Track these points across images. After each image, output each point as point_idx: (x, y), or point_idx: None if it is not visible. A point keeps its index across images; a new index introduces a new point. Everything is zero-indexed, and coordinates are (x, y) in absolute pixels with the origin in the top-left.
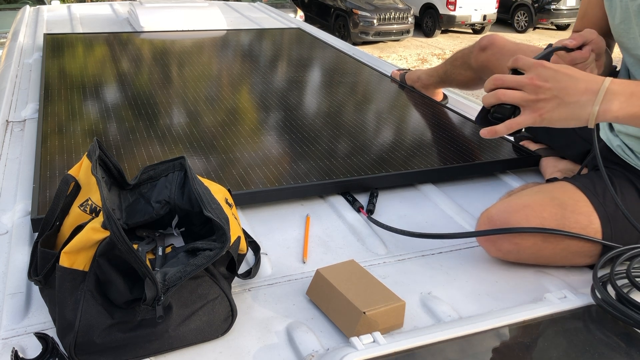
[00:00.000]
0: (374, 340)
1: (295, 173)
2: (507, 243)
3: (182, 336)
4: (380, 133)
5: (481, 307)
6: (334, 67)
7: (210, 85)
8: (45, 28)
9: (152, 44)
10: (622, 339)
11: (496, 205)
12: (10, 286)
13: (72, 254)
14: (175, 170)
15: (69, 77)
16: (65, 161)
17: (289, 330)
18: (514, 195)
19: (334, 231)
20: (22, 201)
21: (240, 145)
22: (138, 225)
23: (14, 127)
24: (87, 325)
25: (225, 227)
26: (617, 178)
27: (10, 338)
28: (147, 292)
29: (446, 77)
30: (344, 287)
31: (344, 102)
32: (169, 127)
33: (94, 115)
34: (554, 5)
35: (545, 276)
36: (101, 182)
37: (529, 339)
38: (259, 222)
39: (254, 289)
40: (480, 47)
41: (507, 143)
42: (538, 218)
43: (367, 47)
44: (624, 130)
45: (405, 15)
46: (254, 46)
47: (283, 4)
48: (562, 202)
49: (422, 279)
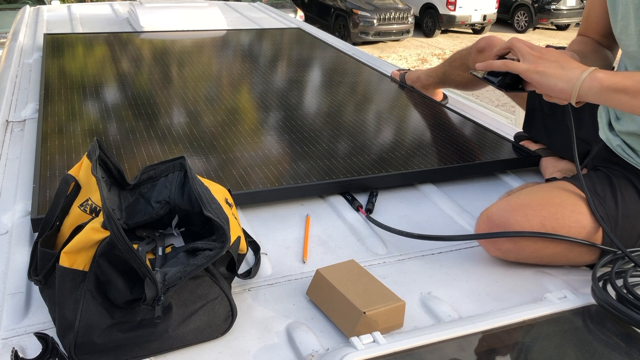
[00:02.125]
0: (374, 340)
1: (295, 173)
2: (507, 242)
3: (182, 336)
4: (380, 133)
5: (481, 307)
6: (334, 67)
7: (210, 85)
8: (45, 28)
9: (152, 44)
10: (622, 339)
11: (496, 204)
12: (10, 286)
13: (72, 254)
14: (175, 170)
15: (69, 77)
16: (65, 161)
17: (289, 330)
18: (514, 195)
19: (334, 231)
20: (22, 201)
21: (240, 145)
22: (138, 225)
23: (14, 127)
24: (87, 325)
25: (225, 227)
26: (617, 178)
27: (10, 338)
28: (147, 292)
29: (445, 78)
30: (344, 287)
31: (344, 102)
32: (169, 127)
33: (94, 115)
34: (554, 5)
35: (545, 276)
36: (101, 182)
37: (529, 339)
38: (259, 222)
39: (254, 289)
40: (477, 49)
41: (507, 143)
42: (538, 217)
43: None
44: (624, 130)
45: (405, 15)
46: (254, 46)
47: (283, 4)
48: (561, 201)
49: (422, 279)
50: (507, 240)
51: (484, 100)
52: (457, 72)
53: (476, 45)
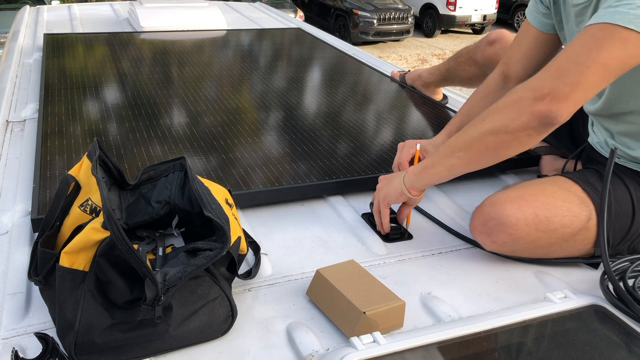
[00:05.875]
0: (374, 340)
1: (295, 173)
2: (502, 234)
3: (182, 336)
4: (380, 133)
5: (481, 307)
6: (334, 67)
7: (210, 85)
8: (45, 28)
9: (152, 44)
10: (622, 339)
11: (489, 198)
12: (10, 286)
13: (72, 254)
14: (176, 171)
15: (69, 77)
16: (65, 161)
17: (289, 330)
18: (507, 188)
19: (334, 231)
20: (22, 201)
21: (241, 145)
22: (138, 226)
23: (14, 127)
24: (87, 325)
25: (225, 227)
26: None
27: (10, 338)
28: (147, 292)
29: (449, 75)
30: (344, 287)
31: (344, 102)
32: (169, 127)
33: (94, 115)
34: None
35: (545, 276)
36: (101, 182)
37: (529, 339)
38: (259, 222)
39: (254, 289)
40: (488, 41)
41: None
42: (531, 208)
43: (367, 47)
44: (592, 110)
45: (405, 16)
46: (254, 46)
47: (283, 4)
48: (553, 191)
49: (422, 279)
50: (501, 232)
51: None
52: (462, 67)
53: (487, 38)
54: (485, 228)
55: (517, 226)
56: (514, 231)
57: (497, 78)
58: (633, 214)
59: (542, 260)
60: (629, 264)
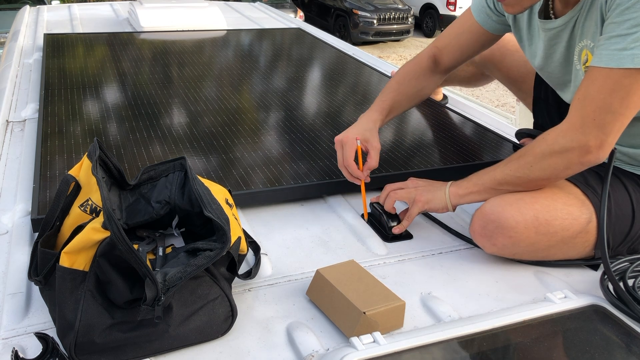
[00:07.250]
0: (374, 340)
1: (295, 173)
2: (501, 237)
3: (183, 336)
4: (380, 133)
5: (481, 307)
6: (334, 67)
7: (210, 85)
8: (45, 28)
9: (152, 44)
10: (622, 339)
11: (489, 200)
12: (10, 286)
13: (73, 254)
14: (176, 171)
15: (69, 77)
16: (65, 161)
17: (289, 330)
18: None
19: (334, 231)
20: (22, 201)
21: (241, 145)
22: (138, 226)
23: (14, 127)
24: (87, 325)
25: (225, 227)
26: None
27: (11, 338)
28: (148, 293)
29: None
30: (344, 287)
31: (344, 102)
32: (169, 127)
33: (94, 115)
34: None
35: (545, 276)
36: (101, 182)
37: (529, 339)
38: (259, 223)
39: (254, 289)
40: None
41: (507, 143)
42: (531, 210)
43: (367, 47)
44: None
45: (405, 16)
46: (254, 46)
47: (283, 4)
48: (553, 194)
49: (422, 279)
50: (502, 235)
51: (484, 100)
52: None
53: None
54: (485, 231)
55: (517, 229)
56: (513, 234)
57: (428, 60)
58: (633, 217)
59: (542, 262)
60: (628, 264)
